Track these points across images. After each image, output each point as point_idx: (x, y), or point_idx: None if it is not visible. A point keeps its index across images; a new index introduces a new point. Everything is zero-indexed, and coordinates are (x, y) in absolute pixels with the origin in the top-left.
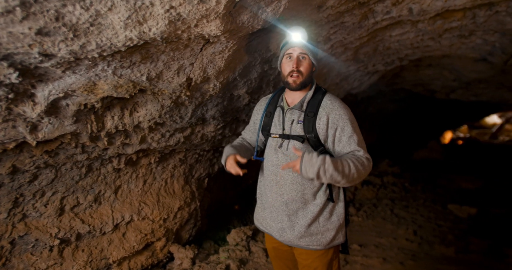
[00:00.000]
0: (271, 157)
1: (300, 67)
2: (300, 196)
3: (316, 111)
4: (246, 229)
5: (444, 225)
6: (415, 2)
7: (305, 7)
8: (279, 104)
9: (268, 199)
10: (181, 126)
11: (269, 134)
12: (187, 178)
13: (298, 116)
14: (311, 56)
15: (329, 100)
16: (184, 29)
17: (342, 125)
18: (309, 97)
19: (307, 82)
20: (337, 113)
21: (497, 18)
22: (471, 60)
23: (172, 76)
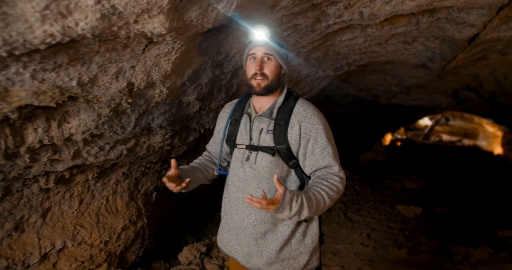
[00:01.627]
0: (237, 171)
1: (264, 69)
2: (269, 216)
3: (287, 119)
4: (199, 245)
5: (394, 227)
6: (366, 5)
7: (259, 6)
8: (246, 110)
9: (233, 219)
10: (123, 137)
11: (235, 145)
12: (132, 193)
13: (267, 125)
14: (277, 57)
15: (301, 107)
16: (121, 25)
17: (315, 136)
18: (279, 103)
19: (274, 86)
20: (310, 122)
21: (438, 25)
22: (412, 66)
23: (110, 81)
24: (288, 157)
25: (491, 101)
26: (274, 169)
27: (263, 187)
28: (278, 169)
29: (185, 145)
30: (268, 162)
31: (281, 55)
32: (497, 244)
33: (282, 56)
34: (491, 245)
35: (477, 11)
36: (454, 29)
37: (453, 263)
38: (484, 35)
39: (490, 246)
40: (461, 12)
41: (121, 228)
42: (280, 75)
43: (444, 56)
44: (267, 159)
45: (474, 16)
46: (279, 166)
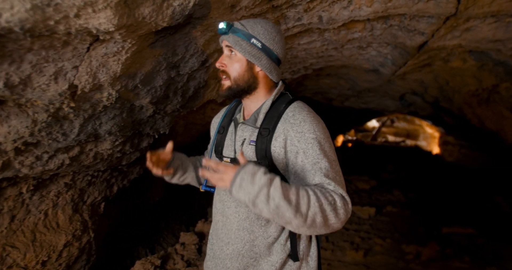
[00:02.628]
0: (218, 189)
1: (226, 67)
2: (249, 248)
3: (272, 128)
4: (153, 259)
5: (350, 228)
6: (325, 10)
7: (218, 5)
8: (235, 116)
9: (214, 246)
10: (65, 145)
11: (221, 157)
12: (77, 205)
13: (250, 134)
14: (241, 51)
15: (291, 112)
16: (59, 19)
17: (305, 148)
18: (266, 108)
19: (241, 88)
20: (298, 130)
21: (391, 31)
22: (365, 71)
23: (47, 83)
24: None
25: (434, 105)
26: None
27: (242, 211)
28: None
29: (137, 151)
30: None
31: (247, 48)
32: (443, 241)
33: (248, 49)
34: (438, 242)
35: (427, 20)
36: (405, 36)
37: (405, 262)
38: (432, 43)
39: (437, 243)
40: (412, 20)
41: (63, 245)
42: (252, 73)
43: (395, 62)
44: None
45: (424, 25)
46: None
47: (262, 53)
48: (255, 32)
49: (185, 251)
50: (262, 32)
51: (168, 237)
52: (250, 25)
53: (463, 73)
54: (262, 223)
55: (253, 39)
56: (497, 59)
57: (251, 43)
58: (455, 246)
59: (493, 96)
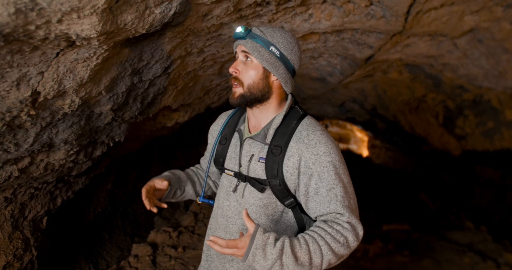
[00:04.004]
0: (222, 203)
1: (240, 73)
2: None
3: (285, 146)
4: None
5: None
6: (288, 21)
7: (192, 13)
8: (239, 127)
9: (213, 262)
10: (15, 156)
11: (223, 169)
12: (17, 221)
13: (259, 150)
14: (259, 58)
15: (305, 131)
16: (41, 24)
17: (320, 172)
18: (277, 124)
19: (254, 97)
20: (313, 152)
21: (342, 44)
22: (311, 79)
23: (8, 90)
24: (283, 194)
25: (371, 112)
26: (263, 208)
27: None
28: (269, 208)
29: (90, 160)
30: (256, 199)
31: (265, 55)
32: (384, 238)
33: (266, 57)
34: (381, 239)
35: (376, 35)
36: (355, 48)
37: (355, 260)
38: (378, 56)
39: (380, 240)
40: (363, 34)
41: (2, 266)
42: (267, 82)
43: (344, 72)
44: (255, 195)
45: (373, 39)
46: (271, 204)
47: (279, 62)
48: (274, 40)
49: (139, 263)
50: (281, 41)
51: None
52: (269, 32)
53: (398, 84)
54: None
55: (272, 47)
56: (429, 72)
57: (269, 51)
58: (394, 241)
59: (421, 105)
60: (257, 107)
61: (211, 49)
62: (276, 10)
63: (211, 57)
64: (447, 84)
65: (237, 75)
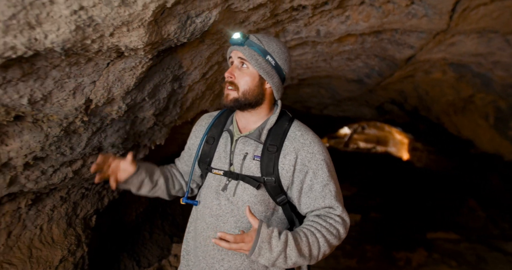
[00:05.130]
0: (210, 203)
1: (236, 79)
2: (247, 264)
3: (280, 145)
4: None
5: None
6: (324, 24)
7: (230, 20)
8: (227, 127)
9: (199, 264)
10: (70, 159)
11: (209, 168)
12: (71, 219)
13: (254, 149)
14: (255, 65)
15: (298, 131)
16: (96, 38)
17: (315, 169)
18: (271, 124)
19: (247, 102)
20: (309, 151)
21: (381, 44)
22: (347, 81)
23: (66, 98)
24: (276, 191)
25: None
26: (257, 205)
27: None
28: (263, 205)
29: None
30: (250, 196)
31: (262, 64)
32: (429, 246)
33: (263, 65)
34: (425, 248)
35: (418, 35)
36: (395, 49)
37: (398, 268)
38: (420, 56)
39: (425, 249)
40: (403, 34)
41: (59, 260)
42: (261, 89)
43: (382, 73)
44: (250, 192)
45: (414, 39)
46: (264, 201)
47: (274, 71)
48: (271, 49)
49: (178, 262)
50: (277, 50)
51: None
52: (266, 41)
53: (442, 84)
54: None
55: (268, 56)
56: (476, 71)
57: (266, 60)
58: (440, 251)
59: (468, 105)
60: (248, 111)
61: None
62: (312, 13)
63: None
64: (498, 84)
65: (233, 80)
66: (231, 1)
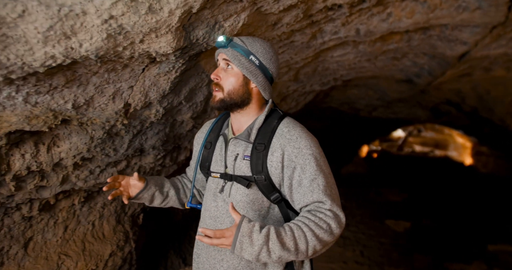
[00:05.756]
0: (209, 205)
1: (221, 80)
2: (245, 264)
3: (268, 143)
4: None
5: (386, 242)
6: (363, 23)
7: (262, 23)
8: (223, 131)
9: (203, 265)
10: (114, 160)
11: (209, 172)
12: (119, 216)
13: (244, 149)
14: (239, 66)
15: (285, 127)
16: (127, 45)
17: (303, 164)
18: (259, 123)
19: (233, 102)
20: (295, 146)
21: (430, 41)
22: (396, 81)
23: (106, 103)
24: (268, 189)
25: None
26: (250, 204)
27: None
28: (256, 204)
29: (175, 164)
30: (243, 196)
31: (245, 64)
32: (490, 259)
33: (246, 65)
34: (485, 261)
35: (471, 30)
36: (445, 46)
37: None
38: (475, 52)
39: (484, 262)
40: (454, 30)
41: (109, 254)
42: (247, 89)
43: (432, 72)
44: (242, 192)
45: (467, 34)
46: (257, 200)
47: (258, 70)
48: (254, 49)
49: None
50: (260, 50)
51: None
52: (249, 42)
53: (506, 83)
54: None
55: (252, 56)
56: None
57: (249, 60)
58: (502, 265)
59: None
60: (238, 112)
61: (284, 56)
62: (350, 12)
63: (285, 64)
64: None
65: (218, 81)
66: (260, 4)
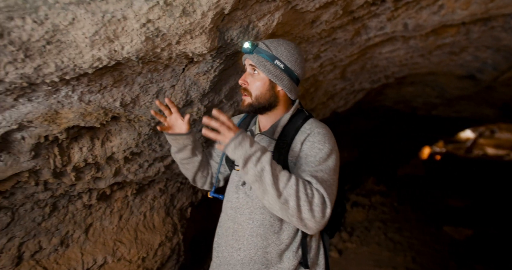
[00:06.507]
0: (231, 196)
1: (248, 85)
2: (261, 255)
3: (290, 140)
4: None
5: (442, 250)
6: (411, 17)
7: (298, 22)
8: (250, 127)
9: (223, 253)
10: (161, 155)
11: (233, 166)
12: (168, 209)
13: (267, 145)
14: (264, 71)
15: (308, 125)
16: (164, 46)
17: (309, 155)
18: (284, 122)
19: (261, 106)
20: (310, 140)
21: (492, 33)
22: (456, 77)
23: (150, 101)
24: None
25: None
26: None
27: (256, 218)
28: None
29: None
30: None
31: (270, 69)
32: None
33: (271, 70)
34: None
35: None
36: (511, 38)
37: None
38: None
39: None
40: None
41: (158, 244)
42: (274, 92)
43: (498, 67)
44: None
45: None
46: None
47: (284, 74)
48: (279, 53)
49: None
50: (285, 54)
51: None
52: (274, 46)
53: None
54: (276, 230)
55: (277, 61)
56: None
57: (274, 64)
58: None
59: None
60: (265, 113)
61: (327, 54)
62: (395, 7)
63: (329, 62)
64: None
65: (246, 86)
66: (295, 2)
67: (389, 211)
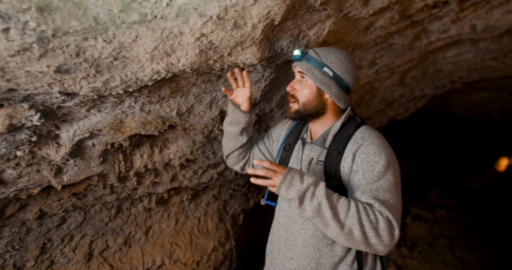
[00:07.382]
0: (283, 204)
1: (296, 92)
2: (314, 266)
3: (342, 149)
4: None
5: None
6: (480, 17)
7: (351, 29)
8: (302, 135)
9: (275, 261)
10: (214, 162)
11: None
12: (221, 215)
13: (318, 154)
14: (312, 78)
15: (361, 134)
16: (217, 58)
17: (365, 169)
18: (335, 130)
19: (309, 113)
20: (364, 151)
21: None
22: None
23: (204, 110)
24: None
25: None
26: None
27: (309, 228)
28: None
29: None
30: None
31: (318, 76)
32: None
33: (319, 77)
34: None
35: None
36: None
37: None
38: None
39: None
40: None
41: (211, 249)
42: (321, 99)
43: None
44: None
45: None
46: None
47: (332, 81)
48: (328, 61)
49: None
50: (335, 61)
51: None
52: (324, 53)
53: None
54: (329, 242)
55: (325, 68)
56: None
57: (323, 72)
58: None
59: None
60: (313, 121)
61: (383, 60)
62: (460, 8)
63: (386, 68)
64: None
65: (294, 93)
66: (347, 10)
67: (456, 227)
